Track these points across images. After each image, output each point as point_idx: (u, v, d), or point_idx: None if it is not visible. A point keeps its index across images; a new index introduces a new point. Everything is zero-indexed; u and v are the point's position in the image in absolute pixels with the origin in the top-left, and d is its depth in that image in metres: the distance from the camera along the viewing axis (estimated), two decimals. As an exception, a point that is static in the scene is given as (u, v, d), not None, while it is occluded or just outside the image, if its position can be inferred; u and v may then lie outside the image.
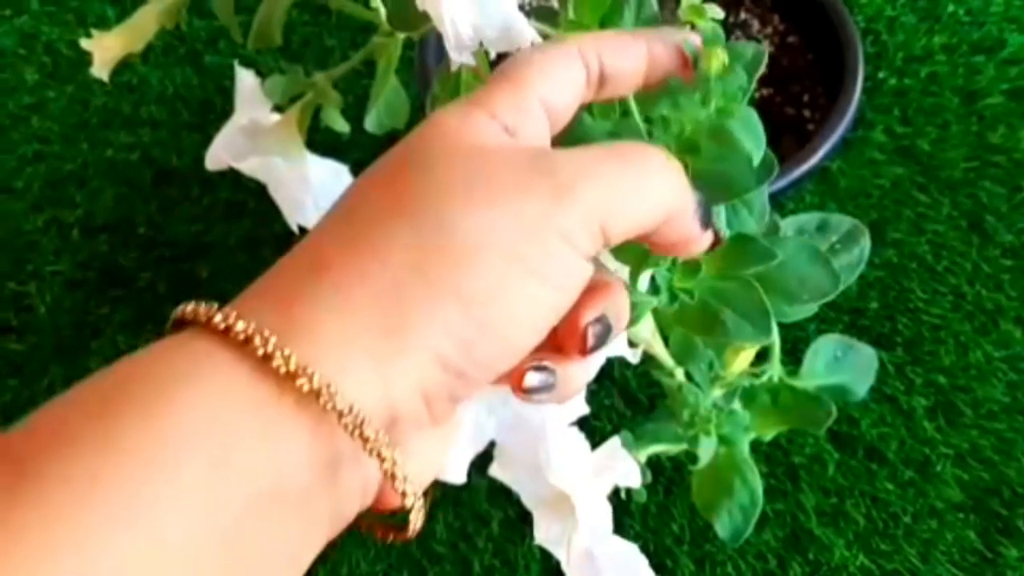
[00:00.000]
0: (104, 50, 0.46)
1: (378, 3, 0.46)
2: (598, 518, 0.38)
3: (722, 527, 0.45)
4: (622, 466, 0.38)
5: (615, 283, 0.31)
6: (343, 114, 0.54)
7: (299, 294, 0.26)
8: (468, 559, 0.54)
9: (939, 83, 0.71)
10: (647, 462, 0.45)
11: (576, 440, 0.39)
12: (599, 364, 0.42)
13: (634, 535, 0.55)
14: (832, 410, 0.47)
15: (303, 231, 0.58)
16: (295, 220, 0.56)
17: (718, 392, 0.43)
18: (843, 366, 0.52)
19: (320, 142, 0.56)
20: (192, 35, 0.75)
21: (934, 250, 0.64)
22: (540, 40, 0.43)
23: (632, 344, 0.44)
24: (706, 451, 0.41)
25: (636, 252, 0.40)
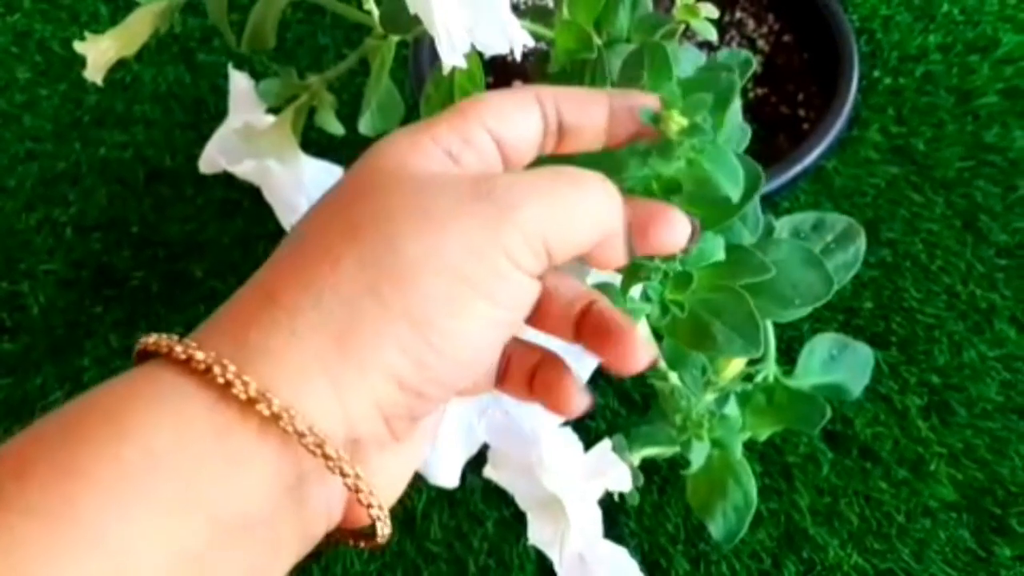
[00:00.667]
0: (98, 53, 0.45)
1: (371, 5, 0.46)
2: (589, 521, 0.38)
3: (716, 528, 0.45)
4: (613, 470, 0.38)
5: None
6: (338, 112, 0.54)
7: (255, 322, 0.26)
8: (463, 559, 0.54)
9: (934, 82, 0.71)
10: (641, 462, 0.45)
11: (569, 440, 0.39)
12: (593, 365, 0.42)
13: (629, 534, 0.55)
14: (826, 410, 0.47)
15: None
16: (289, 222, 0.56)
17: (711, 396, 0.43)
18: (838, 365, 0.52)
19: (315, 141, 0.56)
20: (186, 33, 0.75)
21: (928, 249, 0.64)
22: (533, 42, 0.42)
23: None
24: (698, 455, 0.41)
25: (628, 264, 0.40)
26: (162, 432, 0.24)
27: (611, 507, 0.49)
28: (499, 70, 0.64)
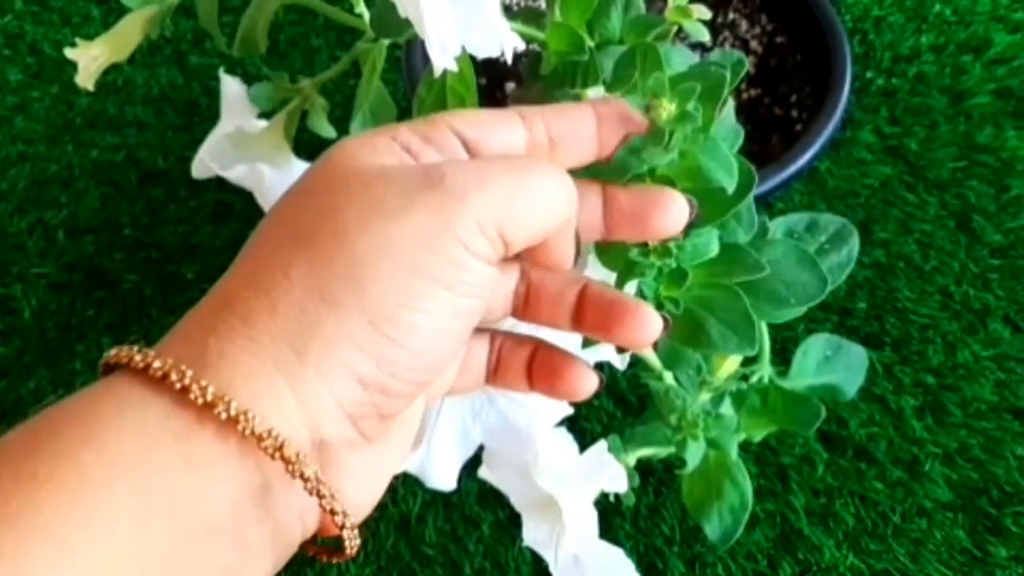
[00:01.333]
0: (89, 59, 0.45)
1: (362, 8, 0.46)
2: (584, 523, 0.38)
3: (712, 529, 0.45)
4: (609, 471, 0.38)
5: None
6: (331, 115, 0.54)
7: (212, 330, 0.26)
8: (458, 562, 0.54)
9: (927, 83, 0.71)
10: (637, 463, 0.45)
11: (564, 441, 0.39)
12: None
13: (624, 536, 0.55)
14: (821, 411, 0.47)
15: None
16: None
17: (706, 396, 0.43)
18: (833, 366, 0.52)
19: (307, 144, 0.56)
20: (178, 36, 0.75)
21: (922, 250, 0.64)
22: (523, 45, 0.42)
23: (620, 350, 0.44)
24: (694, 455, 0.41)
25: (623, 260, 0.40)
26: (121, 437, 0.24)
27: (606, 509, 0.49)
28: (492, 72, 0.64)
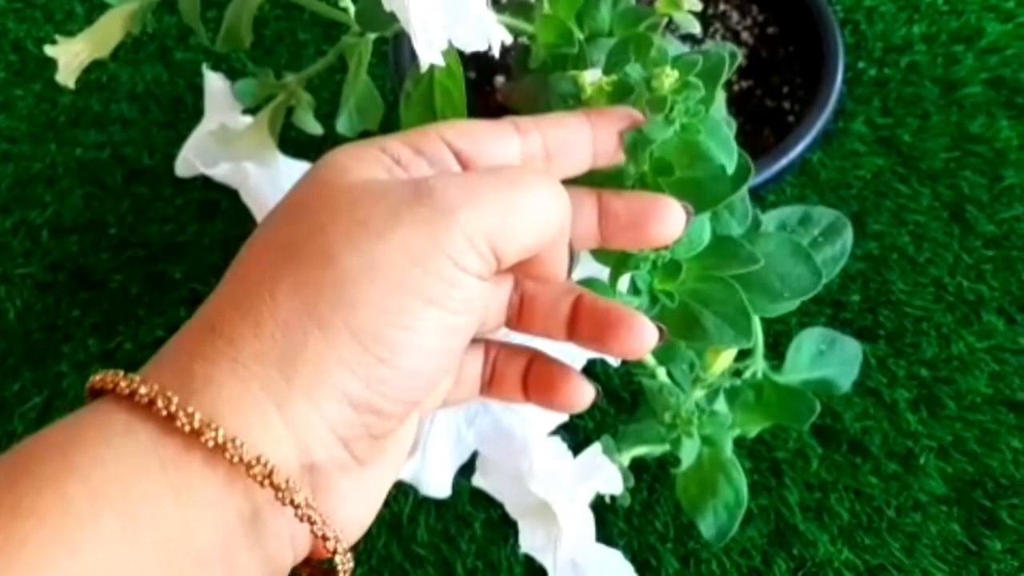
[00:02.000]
0: (70, 56, 0.44)
1: (347, 2, 0.45)
2: (582, 526, 0.37)
3: (707, 527, 0.45)
4: (604, 473, 0.37)
5: None
6: (317, 111, 0.53)
7: (198, 354, 0.26)
8: (451, 562, 0.53)
9: (919, 73, 0.71)
10: (630, 460, 0.45)
11: (557, 448, 0.38)
12: (581, 364, 0.42)
13: (618, 534, 0.54)
14: (816, 406, 0.47)
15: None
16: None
17: (700, 393, 0.42)
18: (827, 360, 0.51)
19: (293, 140, 0.55)
20: (162, 31, 0.74)
21: (915, 241, 0.64)
22: (511, 39, 0.42)
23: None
24: (688, 453, 0.41)
25: (617, 254, 0.39)
26: (107, 467, 0.24)
27: (600, 507, 0.48)
28: (481, 66, 0.63)
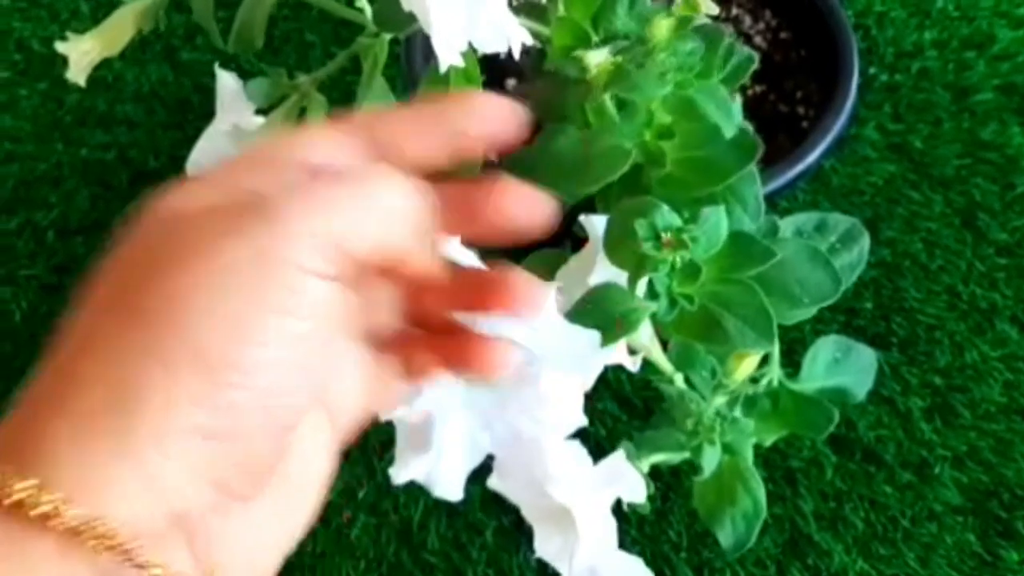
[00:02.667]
0: (80, 53, 0.44)
1: (363, 2, 0.45)
2: (602, 532, 0.37)
3: (725, 536, 0.44)
4: (627, 479, 0.36)
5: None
6: (327, 113, 0.53)
7: (33, 416, 0.24)
8: (461, 569, 0.53)
9: (930, 79, 0.70)
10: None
11: (577, 453, 0.38)
12: (597, 371, 0.41)
13: (631, 541, 0.54)
14: (834, 415, 0.46)
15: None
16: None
17: (721, 400, 0.42)
18: (843, 368, 0.51)
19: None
20: (169, 31, 0.73)
21: (928, 248, 0.63)
22: (531, 40, 0.41)
23: (632, 352, 0.43)
24: (710, 460, 0.40)
25: (635, 257, 0.39)
26: None
27: (613, 515, 0.47)
28: (491, 69, 0.63)
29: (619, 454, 0.37)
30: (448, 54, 0.37)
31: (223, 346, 0.24)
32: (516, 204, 0.30)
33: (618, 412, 0.57)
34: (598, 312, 0.39)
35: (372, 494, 0.55)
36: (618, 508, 0.42)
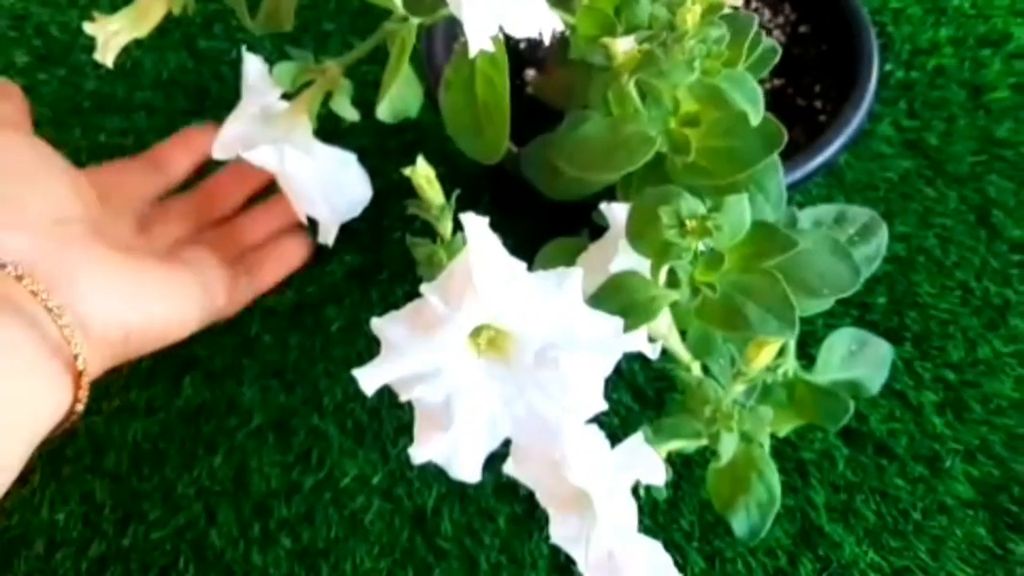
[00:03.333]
0: (108, 35, 0.44)
1: (392, -13, 0.45)
2: (622, 516, 0.37)
3: (739, 524, 0.44)
4: (646, 463, 0.37)
5: None
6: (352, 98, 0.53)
7: None
8: (474, 556, 0.53)
9: (946, 76, 0.71)
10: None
11: (596, 437, 0.38)
12: (617, 358, 0.41)
13: (642, 530, 0.54)
14: (850, 407, 0.46)
15: (312, 222, 0.57)
16: (303, 212, 0.54)
17: (739, 388, 0.42)
18: (858, 360, 0.51)
19: (319, 129, 0.55)
20: (187, 19, 0.73)
21: (942, 244, 0.64)
22: (562, 26, 0.41)
23: (650, 339, 0.43)
24: (728, 448, 0.41)
25: (658, 243, 0.39)
26: None
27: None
28: (511, 59, 0.63)
29: (638, 436, 0.37)
30: (479, 38, 0.37)
31: None
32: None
33: (631, 402, 0.57)
34: (620, 298, 0.39)
35: (386, 480, 0.55)
36: (630, 496, 0.42)
